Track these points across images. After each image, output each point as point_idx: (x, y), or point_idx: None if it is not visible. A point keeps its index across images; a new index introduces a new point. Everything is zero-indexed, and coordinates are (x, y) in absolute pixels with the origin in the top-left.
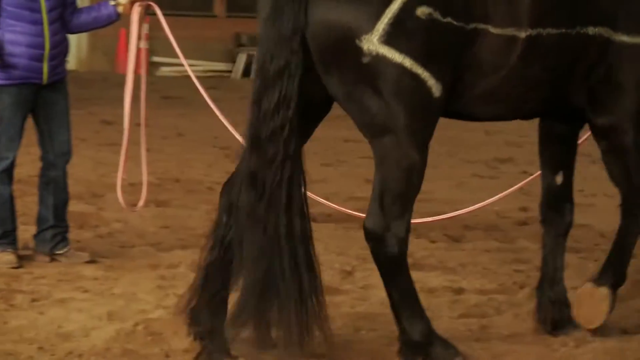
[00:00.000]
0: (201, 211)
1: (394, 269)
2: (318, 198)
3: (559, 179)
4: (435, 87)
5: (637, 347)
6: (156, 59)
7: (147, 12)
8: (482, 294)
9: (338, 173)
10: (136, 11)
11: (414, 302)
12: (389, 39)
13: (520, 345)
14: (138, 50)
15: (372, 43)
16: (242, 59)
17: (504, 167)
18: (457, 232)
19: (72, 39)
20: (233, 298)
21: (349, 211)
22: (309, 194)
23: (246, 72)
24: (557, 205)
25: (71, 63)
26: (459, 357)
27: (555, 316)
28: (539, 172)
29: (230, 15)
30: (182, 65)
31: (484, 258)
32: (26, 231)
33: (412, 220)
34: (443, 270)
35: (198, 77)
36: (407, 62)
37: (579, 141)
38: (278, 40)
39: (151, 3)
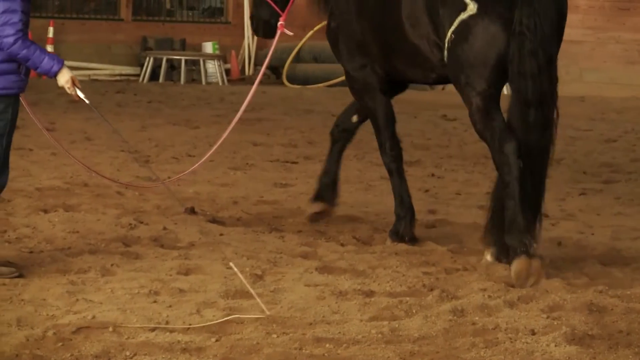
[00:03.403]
0: (110, 215)
1: None
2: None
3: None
4: None
5: (546, 348)
6: None
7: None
8: (392, 296)
9: (247, 177)
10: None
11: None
12: None
13: (431, 347)
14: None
15: None
16: (149, 63)
17: (411, 170)
18: (366, 234)
19: None
20: None
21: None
22: None
23: (153, 76)
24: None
25: None
26: None
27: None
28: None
29: (136, 19)
30: (88, 69)
31: (393, 261)
32: None
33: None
34: (353, 273)
35: (105, 81)
36: None
37: None
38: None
39: None
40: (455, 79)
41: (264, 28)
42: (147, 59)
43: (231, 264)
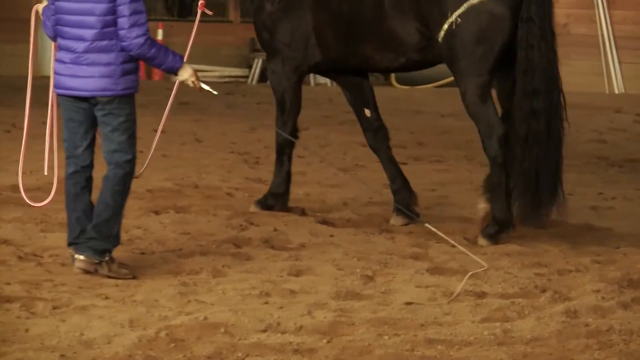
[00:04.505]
0: (221, 217)
1: None
2: None
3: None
4: None
5: None
6: None
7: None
8: (504, 297)
9: (356, 178)
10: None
11: None
12: None
13: (544, 348)
14: None
15: None
16: (257, 65)
17: None
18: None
19: None
20: None
21: None
22: None
23: (262, 78)
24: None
25: None
26: None
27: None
28: None
29: (245, 20)
30: (197, 71)
31: (505, 262)
32: None
33: None
34: (464, 275)
35: (214, 83)
36: None
37: None
38: None
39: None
40: (453, 61)
41: (179, 7)
42: (256, 60)
43: (427, 224)
